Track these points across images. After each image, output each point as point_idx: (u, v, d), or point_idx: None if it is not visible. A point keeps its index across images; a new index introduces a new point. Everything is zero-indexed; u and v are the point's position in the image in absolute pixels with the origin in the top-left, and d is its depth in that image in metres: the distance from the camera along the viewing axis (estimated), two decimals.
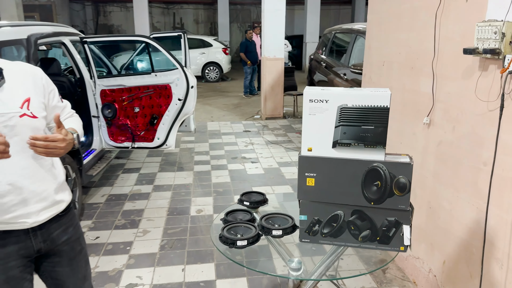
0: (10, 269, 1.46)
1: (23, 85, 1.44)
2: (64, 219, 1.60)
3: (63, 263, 1.61)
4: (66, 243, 1.61)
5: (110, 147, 4.50)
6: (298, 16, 20.29)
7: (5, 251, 1.44)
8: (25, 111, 1.41)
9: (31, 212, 1.45)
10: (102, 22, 21.33)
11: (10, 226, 1.43)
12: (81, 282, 1.68)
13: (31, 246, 1.49)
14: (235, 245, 1.82)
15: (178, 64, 4.14)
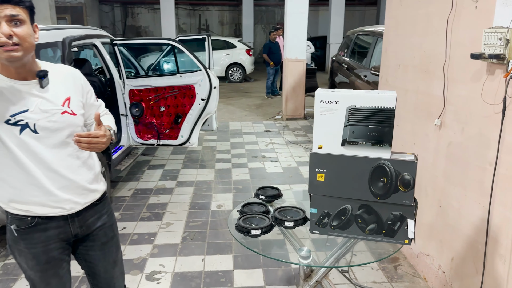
0: (50, 251, 1.62)
1: (64, 86, 1.61)
2: (99, 207, 1.75)
3: (96, 247, 1.76)
4: (100, 229, 1.76)
5: (137, 144, 4.73)
6: (323, 17, 20.31)
7: (47, 234, 1.60)
8: (66, 108, 1.57)
9: (68, 200, 1.61)
10: (130, 23, 21.88)
11: (51, 212, 1.58)
12: (111, 266, 1.83)
13: (69, 231, 1.65)
14: (249, 234, 1.98)
15: (202, 65, 4.33)
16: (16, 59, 1.41)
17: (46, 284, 1.65)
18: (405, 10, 3.16)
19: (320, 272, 2.22)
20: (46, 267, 1.63)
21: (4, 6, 1.37)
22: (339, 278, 2.94)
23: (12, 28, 1.38)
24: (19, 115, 1.47)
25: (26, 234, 1.58)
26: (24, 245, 1.59)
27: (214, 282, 2.87)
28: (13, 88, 1.47)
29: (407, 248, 3.17)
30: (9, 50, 1.37)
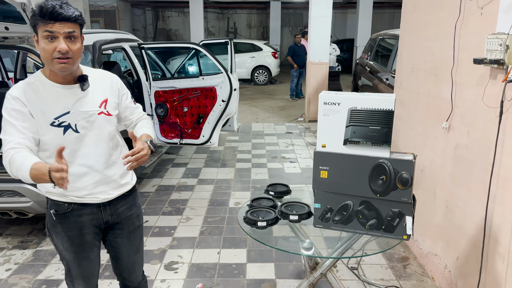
0: (84, 235, 1.81)
1: (102, 89, 1.79)
2: (129, 198, 1.92)
3: (123, 235, 1.93)
4: (129, 218, 1.92)
5: (161, 142, 4.96)
6: (351, 20, 20.24)
7: (81, 219, 1.79)
8: (103, 110, 1.75)
9: (102, 191, 1.79)
10: (160, 26, 22.43)
11: (86, 200, 1.77)
12: (134, 253, 2.01)
13: (101, 218, 1.83)
14: (256, 225, 2.13)
15: (223, 68, 4.52)
16: (68, 70, 1.62)
17: (78, 265, 1.85)
18: (418, 15, 3.24)
19: (324, 265, 2.34)
20: (79, 249, 1.82)
21: (64, 23, 1.55)
22: (348, 274, 3.05)
23: (68, 44, 1.57)
24: (62, 117, 1.66)
25: (63, 218, 1.77)
26: (61, 228, 1.78)
27: (227, 274, 3.03)
28: (58, 92, 1.66)
29: (417, 248, 3.24)
30: (63, 63, 1.58)
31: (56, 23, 1.54)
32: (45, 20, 1.53)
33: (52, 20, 1.53)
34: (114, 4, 18.34)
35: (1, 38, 3.15)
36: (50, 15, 1.52)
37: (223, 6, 21.70)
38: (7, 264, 3.14)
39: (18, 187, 3.00)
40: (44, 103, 1.64)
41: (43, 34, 1.55)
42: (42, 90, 1.65)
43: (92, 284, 1.93)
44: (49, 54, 1.56)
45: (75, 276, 1.88)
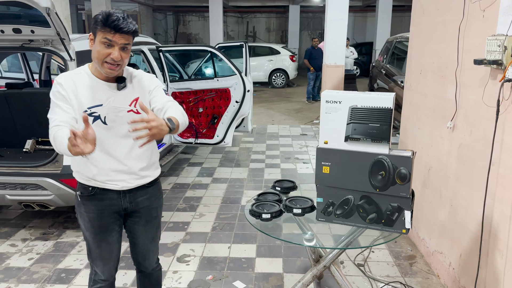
0: (103, 218, 1.95)
1: (136, 89, 1.92)
2: (150, 190, 2.02)
3: (140, 222, 2.06)
4: (146, 209, 2.03)
5: (177, 142, 5.13)
6: (370, 23, 20.18)
7: (102, 203, 1.93)
8: (132, 108, 1.89)
9: (122, 179, 1.92)
10: (181, 30, 22.81)
11: (107, 186, 1.91)
12: (149, 241, 2.13)
13: (120, 204, 1.96)
14: (260, 217, 2.24)
15: (237, 70, 4.66)
16: (114, 74, 1.80)
17: (97, 246, 2.00)
18: (427, 18, 3.31)
19: (327, 258, 2.43)
20: (98, 231, 1.96)
21: (123, 35, 1.72)
22: (354, 270, 3.12)
23: (121, 53, 1.73)
24: (94, 108, 1.82)
25: (86, 200, 1.94)
26: (84, 209, 1.95)
27: (237, 267, 3.14)
28: (97, 86, 1.84)
29: (423, 247, 3.29)
30: (112, 68, 1.75)
31: (116, 34, 1.70)
32: (107, 28, 1.70)
33: (114, 30, 1.69)
34: (136, 8, 18.77)
35: (27, 40, 3.35)
36: (115, 27, 1.69)
37: (243, 11, 21.93)
38: (29, 254, 3.33)
39: (41, 180, 3.18)
40: (82, 93, 1.81)
41: (102, 39, 1.72)
42: (84, 81, 1.83)
43: (109, 266, 2.06)
44: (102, 58, 1.74)
45: (94, 257, 2.03)
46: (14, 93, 3.71)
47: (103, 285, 2.07)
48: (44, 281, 2.97)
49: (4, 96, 3.68)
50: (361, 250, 3.37)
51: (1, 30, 3.26)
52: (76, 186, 3.05)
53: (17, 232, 3.71)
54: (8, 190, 3.25)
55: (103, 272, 2.05)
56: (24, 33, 3.26)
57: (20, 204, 3.38)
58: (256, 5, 20.64)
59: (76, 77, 1.84)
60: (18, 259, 3.26)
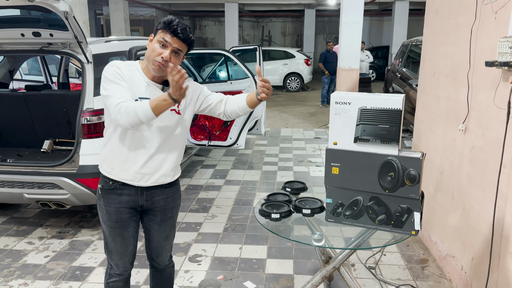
0: (120, 212, 2.01)
1: None
2: (168, 190, 2.07)
3: (156, 220, 2.11)
4: (162, 208, 2.08)
5: (191, 144, 5.19)
6: (387, 27, 20.06)
7: (120, 198, 1.99)
8: (175, 108, 1.95)
9: (147, 173, 1.95)
10: (197, 35, 23.02)
11: (125, 179, 1.95)
12: (163, 239, 2.18)
13: (137, 201, 2.01)
14: (270, 217, 2.26)
15: (250, 73, 4.70)
16: (160, 73, 1.87)
17: (113, 240, 2.05)
18: (440, 20, 3.30)
19: (337, 259, 2.44)
20: (115, 225, 2.02)
21: (179, 41, 1.84)
22: (365, 273, 3.11)
23: (172, 56, 1.84)
24: (143, 99, 1.88)
25: (106, 194, 2.00)
26: (103, 202, 2.02)
27: (247, 267, 3.17)
28: (144, 83, 1.92)
29: (436, 251, 3.26)
30: (159, 66, 1.83)
31: (174, 37, 1.83)
32: (167, 31, 1.82)
33: (172, 34, 1.82)
34: (153, 13, 19.04)
35: (46, 44, 3.46)
36: (174, 30, 1.82)
37: (258, 15, 22.04)
38: (45, 252, 3.42)
39: (57, 180, 3.26)
40: (133, 83, 1.89)
41: (159, 39, 1.84)
42: (136, 74, 1.92)
43: (124, 261, 2.11)
44: (154, 55, 1.83)
45: (110, 250, 2.09)
46: (33, 95, 3.82)
47: (118, 279, 2.13)
48: (59, 278, 3.04)
49: (23, 97, 3.79)
50: (372, 253, 3.36)
51: (22, 33, 3.37)
52: (91, 186, 3.14)
53: (34, 230, 3.80)
54: (26, 189, 3.34)
55: (118, 266, 2.10)
56: (43, 37, 3.36)
57: (37, 202, 3.47)
58: (271, 9, 20.72)
59: (129, 67, 1.93)
60: (34, 256, 3.35)
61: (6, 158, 3.51)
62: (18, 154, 3.78)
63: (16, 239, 3.64)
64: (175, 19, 1.84)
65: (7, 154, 3.72)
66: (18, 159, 3.61)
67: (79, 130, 3.30)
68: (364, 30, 8.30)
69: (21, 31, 3.36)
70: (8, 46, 3.56)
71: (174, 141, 2.02)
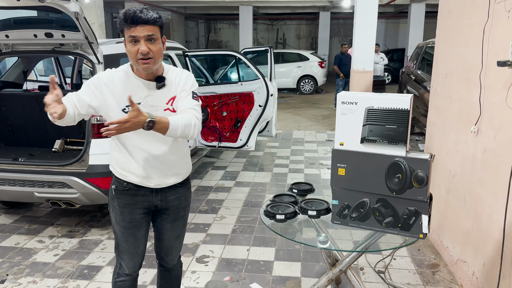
0: (134, 213, 2.01)
1: (173, 87, 1.95)
2: (180, 189, 2.08)
3: (168, 220, 2.11)
4: (176, 207, 2.08)
5: (201, 145, 5.19)
6: (403, 30, 19.84)
7: (135, 199, 1.99)
8: (169, 106, 1.92)
9: (156, 177, 1.95)
10: (212, 38, 23.14)
11: (141, 182, 1.95)
12: (174, 238, 2.18)
13: (152, 201, 2.01)
14: (275, 218, 2.24)
15: (260, 74, 4.69)
16: (150, 69, 1.83)
17: (125, 241, 2.06)
18: (453, 21, 3.24)
19: (343, 262, 2.40)
20: (128, 225, 2.02)
21: (144, 26, 1.75)
22: (374, 277, 3.06)
23: (149, 45, 1.77)
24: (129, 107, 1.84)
25: (120, 194, 2.00)
26: (117, 203, 2.02)
27: (254, 269, 3.14)
28: (137, 84, 1.89)
29: (447, 256, 3.19)
30: (146, 63, 1.79)
31: (137, 27, 1.75)
32: (128, 25, 1.76)
33: (134, 24, 1.74)
34: (169, 16, 19.19)
35: (58, 44, 3.50)
36: (132, 19, 1.74)
37: (273, 18, 22.04)
38: (55, 250, 3.45)
39: (67, 179, 3.30)
40: (121, 91, 1.86)
41: (128, 38, 1.78)
42: (125, 80, 1.90)
43: (134, 261, 2.11)
44: (134, 56, 1.78)
45: (121, 251, 2.09)
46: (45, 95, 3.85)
47: (126, 279, 2.13)
48: (68, 276, 3.06)
49: (35, 97, 3.84)
50: (382, 257, 3.31)
51: (35, 34, 3.43)
52: (101, 185, 3.16)
53: (45, 229, 3.85)
54: (36, 187, 3.38)
55: (128, 267, 2.10)
56: (55, 37, 3.41)
57: (47, 201, 3.51)
58: (286, 12, 20.70)
59: (116, 74, 1.91)
60: (44, 254, 3.38)
61: (18, 157, 3.56)
62: (30, 153, 3.84)
63: (27, 237, 3.68)
64: (129, 9, 1.76)
65: (19, 153, 3.77)
66: (29, 158, 3.66)
67: (89, 130, 3.33)
68: (380, 33, 8.22)
69: (34, 32, 3.41)
70: (21, 47, 3.62)
71: (173, 140, 1.98)
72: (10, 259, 3.31)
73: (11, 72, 4.51)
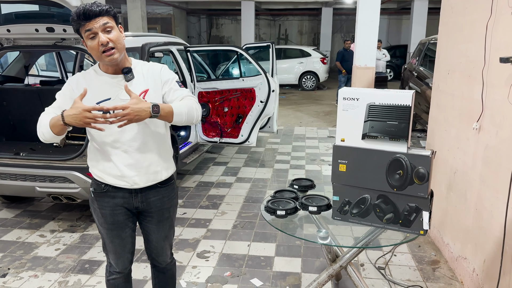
0: (116, 215, 1.97)
1: (145, 80, 1.89)
2: (163, 190, 2.01)
3: (153, 222, 2.08)
4: (159, 209, 2.03)
5: (203, 141, 5.19)
6: (405, 26, 19.78)
7: (114, 201, 1.95)
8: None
9: (133, 176, 1.92)
10: (214, 33, 23.08)
11: (119, 183, 1.92)
12: (162, 239, 2.15)
13: (132, 203, 1.97)
14: (275, 214, 2.24)
15: (262, 70, 4.68)
16: (115, 60, 1.79)
17: (111, 241, 2.04)
18: (455, 17, 3.22)
19: (344, 258, 2.40)
20: (111, 227, 2.00)
21: (97, 19, 1.72)
22: (374, 273, 3.06)
23: (106, 35, 1.74)
24: (102, 102, 1.83)
25: (99, 197, 1.97)
26: (97, 205, 1.99)
27: (255, 265, 3.15)
28: (105, 81, 1.87)
29: (448, 252, 3.19)
30: (110, 54, 1.76)
31: (91, 21, 1.72)
32: (81, 21, 1.73)
33: (86, 19, 1.72)
34: (171, 11, 19.15)
35: (60, 39, 3.50)
36: (84, 15, 1.71)
37: (275, 13, 21.97)
38: (56, 245, 3.46)
39: (68, 174, 3.30)
40: (91, 90, 1.82)
41: (85, 35, 1.74)
42: (94, 78, 1.88)
43: (123, 259, 2.10)
44: (96, 50, 1.74)
45: (108, 250, 2.08)
46: (46, 90, 3.87)
47: (118, 277, 2.13)
48: (69, 271, 3.08)
49: (36, 92, 3.85)
50: (382, 253, 3.31)
51: (36, 29, 3.42)
52: None
53: (46, 223, 3.86)
54: (38, 182, 3.39)
55: (117, 265, 2.10)
56: (56, 32, 3.41)
57: (48, 196, 3.52)
58: (288, 8, 20.63)
59: (85, 75, 1.90)
60: (46, 249, 3.39)
61: (19, 152, 3.57)
62: (31, 148, 3.85)
63: (29, 231, 3.70)
64: (78, 7, 1.73)
65: (20, 147, 3.78)
66: (30, 152, 3.66)
67: None
68: (382, 29, 8.19)
69: (35, 26, 3.41)
70: (23, 41, 3.62)
71: (150, 134, 1.92)
72: (11, 253, 3.32)
73: (12, 67, 4.52)
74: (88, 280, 2.96)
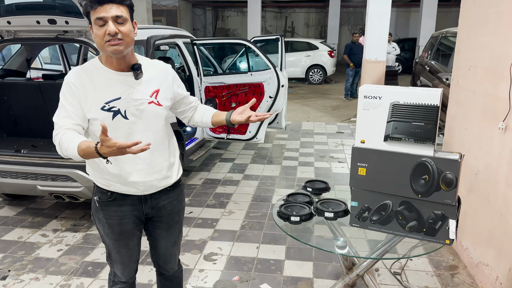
0: (124, 224, 1.83)
1: (155, 79, 1.77)
2: (172, 193, 1.90)
3: (162, 227, 1.95)
4: (169, 213, 1.92)
5: (209, 137, 5.05)
6: (414, 19, 19.47)
7: (122, 209, 1.81)
8: (153, 99, 1.75)
9: (147, 181, 1.79)
10: (220, 26, 22.85)
11: (128, 191, 1.78)
12: (171, 245, 2.02)
13: (142, 210, 1.84)
14: (289, 220, 2.09)
15: (271, 64, 4.51)
16: (119, 52, 1.62)
17: (117, 252, 1.90)
18: (478, 9, 3.04)
19: (361, 266, 2.26)
20: (119, 237, 1.86)
21: (110, 5, 1.57)
22: (390, 279, 2.92)
23: (117, 26, 1.58)
24: (113, 102, 1.68)
25: (105, 206, 1.81)
26: (103, 215, 1.83)
27: (264, 269, 3.02)
28: (111, 78, 1.70)
29: (467, 257, 3.04)
30: (114, 44, 1.59)
31: (103, 6, 1.56)
32: (93, 5, 1.57)
33: (99, 3, 1.56)
34: (176, 4, 18.95)
35: (62, 31, 3.35)
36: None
37: (282, 5, 21.69)
38: (59, 245, 3.35)
39: (71, 172, 3.18)
40: (97, 87, 1.67)
41: (94, 21, 1.58)
42: (96, 75, 1.69)
43: (130, 269, 1.97)
44: (101, 39, 1.59)
45: (114, 260, 1.94)
46: (48, 84, 3.73)
47: (123, 286, 2.00)
48: (71, 273, 2.96)
49: (38, 86, 3.71)
50: (398, 257, 3.16)
51: (37, 20, 3.28)
52: None
53: (49, 222, 3.74)
54: (39, 180, 3.27)
55: (123, 275, 1.97)
56: (59, 24, 3.26)
57: (50, 195, 3.40)
58: None
59: (88, 71, 1.71)
60: (47, 249, 3.28)
61: (21, 149, 3.44)
62: (33, 144, 3.72)
63: (31, 231, 3.58)
64: None
65: (22, 144, 3.66)
66: (32, 149, 3.54)
67: None
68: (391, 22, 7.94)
69: (37, 18, 3.26)
70: (24, 34, 3.48)
71: (165, 134, 1.81)
72: (12, 254, 3.21)
73: (14, 60, 4.38)
74: (91, 284, 2.84)
